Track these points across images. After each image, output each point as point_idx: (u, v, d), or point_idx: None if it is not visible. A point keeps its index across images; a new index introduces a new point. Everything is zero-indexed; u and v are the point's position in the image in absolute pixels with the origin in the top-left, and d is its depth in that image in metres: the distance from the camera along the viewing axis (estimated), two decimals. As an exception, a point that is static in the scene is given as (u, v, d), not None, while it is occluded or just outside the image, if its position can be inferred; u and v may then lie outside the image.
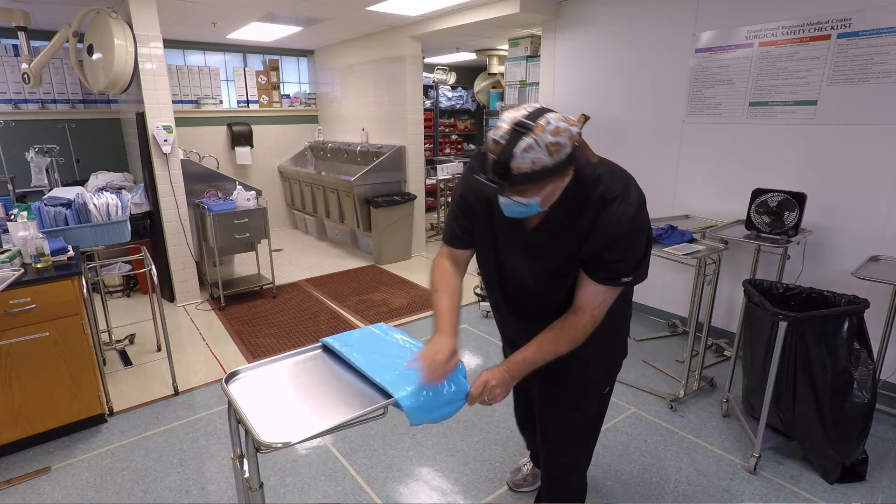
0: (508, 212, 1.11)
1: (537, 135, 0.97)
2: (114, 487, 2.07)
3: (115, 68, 3.40)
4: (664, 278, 3.57)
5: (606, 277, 1.17)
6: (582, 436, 1.52)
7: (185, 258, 3.94)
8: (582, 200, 1.11)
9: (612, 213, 1.09)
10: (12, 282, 2.03)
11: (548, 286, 1.25)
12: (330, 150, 6.15)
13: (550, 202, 1.10)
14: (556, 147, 0.98)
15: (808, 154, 2.76)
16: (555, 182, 1.05)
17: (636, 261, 1.16)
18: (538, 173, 0.98)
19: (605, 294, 1.19)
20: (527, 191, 1.02)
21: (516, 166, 0.97)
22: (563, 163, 1.01)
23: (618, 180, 1.13)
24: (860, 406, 1.94)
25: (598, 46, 3.68)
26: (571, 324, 1.20)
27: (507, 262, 1.30)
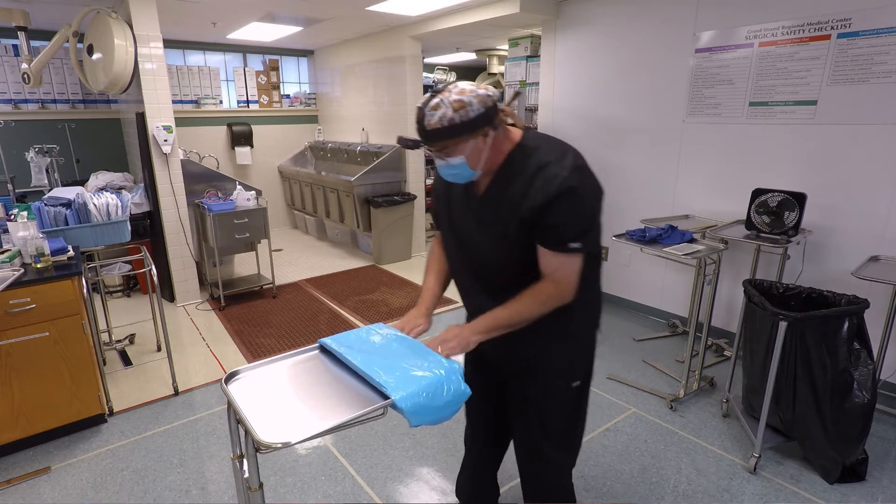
0: (444, 174, 1.25)
1: (444, 95, 1.12)
2: (114, 487, 2.07)
3: (115, 68, 3.40)
4: (664, 278, 3.57)
5: (554, 243, 1.19)
6: (556, 437, 1.45)
7: (185, 258, 3.94)
8: (521, 167, 1.21)
9: (545, 175, 1.16)
10: (12, 282, 2.03)
11: (499, 254, 1.28)
12: (330, 150, 6.15)
13: (479, 163, 1.20)
14: (461, 104, 1.11)
15: (808, 154, 2.76)
16: (472, 140, 1.15)
17: (580, 226, 1.18)
18: (448, 129, 1.12)
19: (562, 260, 1.21)
20: (445, 147, 1.16)
21: (428, 122, 1.13)
22: (472, 120, 1.12)
23: (555, 148, 1.22)
24: (860, 406, 1.94)
25: (598, 46, 3.68)
26: (537, 288, 1.23)
27: (463, 235, 1.35)
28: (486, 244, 1.29)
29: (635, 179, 3.61)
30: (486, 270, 1.34)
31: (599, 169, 1.30)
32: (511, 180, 1.22)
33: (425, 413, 1.08)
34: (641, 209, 3.54)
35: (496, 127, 1.18)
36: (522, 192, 1.19)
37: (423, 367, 1.15)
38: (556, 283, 1.21)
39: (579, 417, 1.49)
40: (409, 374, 1.12)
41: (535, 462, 1.51)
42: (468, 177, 1.23)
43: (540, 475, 1.53)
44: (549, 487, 1.53)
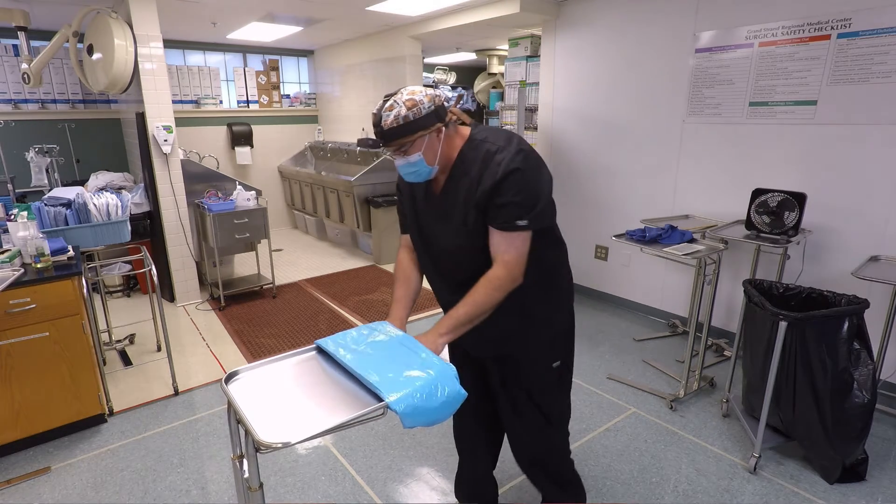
0: (405, 174, 1.31)
1: (396, 97, 1.22)
2: (114, 487, 2.07)
3: (115, 68, 3.40)
4: (664, 278, 3.58)
5: (502, 222, 1.25)
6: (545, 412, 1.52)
7: (185, 258, 3.94)
8: (472, 158, 1.29)
9: (493, 162, 1.25)
10: (12, 282, 2.03)
11: (460, 244, 1.34)
12: (330, 150, 6.14)
13: (435, 159, 1.28)
14: (413, 103, 1.20)
15: (808, 154, 2.76)
16: (426, 136, 1.23)
17: (527, 203, 1.24)
18: (403, 126, 1.20)
19: (510, 240, 1.26)
20: (402, 145, 1.23)
21: (384, 123, 1.21)
22: (425, 117, 1.21)
23: (501, 138, 1.29)
24: (860, 406, 1.94)
25: (598, 46, 3.68)
26: (486, 276, 1.27)
27: (428, 231, 1.41)
28: (449, 237, 1.35)
29: (635, 179, 3.61)
30: (452, 264, 1.39)
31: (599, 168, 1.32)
32: (465, 172, 1.30)
33: (420, 415, 1.07)
34: (641, 209, 3.54)
35: (447, 124, 1.27)
36: (476, 179, 1.27)
37: (418, 366, 1.14)
38: (505, 264, 1.26)
39: (563, 391, 1.57)
40: (402, 375, 1.11)
41: (532, 445, 1.58)
42: (426, 174, 1.30)
43: (539, 456, 1.61)
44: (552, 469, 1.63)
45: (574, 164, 3.95)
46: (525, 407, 1.51)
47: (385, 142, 1.24)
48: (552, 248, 1.40)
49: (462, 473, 1.80)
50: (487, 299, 1.26)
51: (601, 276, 4.00)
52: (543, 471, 1.66)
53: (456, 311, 1.26)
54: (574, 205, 4.02)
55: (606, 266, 3.95)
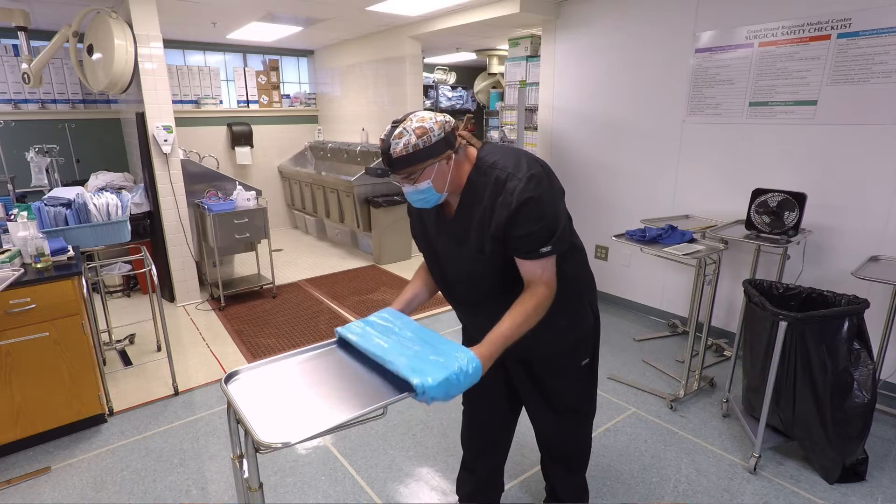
0: (413, 201, 1.29)
1: (406, 124, 1.18)
2: (114, 487, 2.07)
3: (115, 68, 3.40)
4: (664, 278, 3.57)
5: (527, 252, 1.24)
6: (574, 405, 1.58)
7: (185, 258, 3.94)
8: (483, 183, 1.26)
9: (506, 191, 1.22)
10: (12, 282, 2.03)
11: (476, 268, 1.33)
12: (330, 150, 6.15)
13: (445, 186, 1.26)
14: (422, 130, 1.17)
15: (808, 154, 2.76)
16: (435, 164, 1.21)
17: (547, 230, 1.22)
18: (412, 155, 1.18)
19: (541, 265, 1.26)
20: (412, 173, 1.20)
21: (393, 151, 1.18)
22: (434, 146, 1.18)
23: (510, 160, 1.26)
24: (860, 406, 1.94)
25: (598, 46, 3.68)
26: (530, 294, 1.26)
27: (442, 254, 1.41)
28: (464, 263, 1.35)
29: (635, 179, 3.61)
30: (468, 288, 1.39)
31: (599, 168, 1.32)
32: (477, 200, 1.28)
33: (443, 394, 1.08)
34: (641, 209, 3.54)
35: (457, 150, 1.25)
36: (489, 208, 1.25)
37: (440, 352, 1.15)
38: (546, 284, 1.26)
39: (593, 386, 1.63)
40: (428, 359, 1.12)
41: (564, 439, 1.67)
42: (435, 200, 1.28)
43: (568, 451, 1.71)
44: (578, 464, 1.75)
45: (574, 164, 3.95)
46: (560, 405, 1.56)
47: (393, 170, 1.21)
48: (570, 255, 1.40)
49: (467, 474, 1.80)
50: (531, 322, 1.24)
51: (601, 276, 3.99)
52: (567, 465, 1.73)
53: (502, 334, 1.21)
54: (574, 205, 4.00)
55: (606, 266, 3.95)
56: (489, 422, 1.69)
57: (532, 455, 2.19)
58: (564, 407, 1.57)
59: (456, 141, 1.24)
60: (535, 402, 1.59)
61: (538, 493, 2.01)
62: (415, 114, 1.21)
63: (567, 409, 1.58)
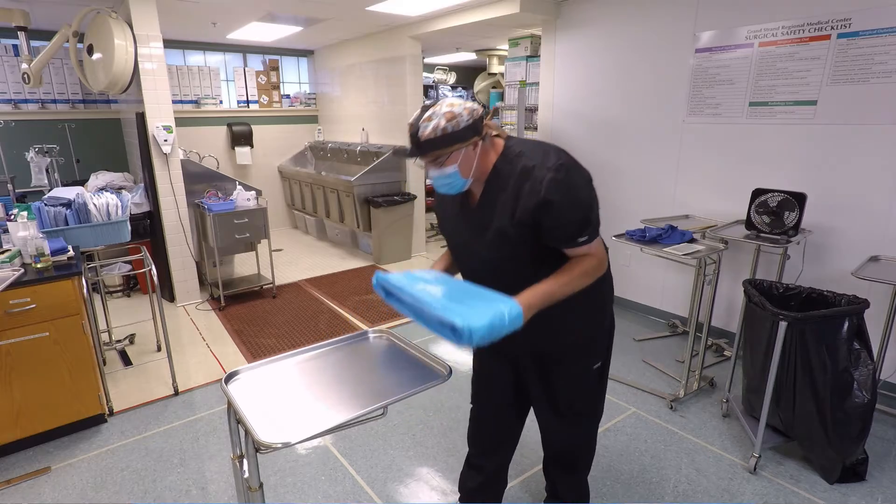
0: (438, 185, 1.30)
1: (435, 108, 1.21)
2: (114, 487, 2.07)
3: (115, 68, 3.40)
4: (664, 278, 3.57)
5: (566, 242, 1.26)
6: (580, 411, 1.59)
7: (185, 258, 3.94)
8: (509, 171, 1.28)
9: (533, 178, 1.23)
10: (12, 282, 2.03)
11: (501, 254, 1.33)
12: (330, 150, 6.15)
13: (470, 172, 1.27)
14: (451, 115, 1.19)
15: (808, 154, 2.76)
16: (462, 149, 1.22)
17: (581, 220, 1.23)
18: (441, 138, 1.19)
19: (582, 252, 1.27)
20: (439, 156, 1.22)
21: (422, 134, 1.20)
22: (463, 131, 1.20)
23: (537, 150, 1.28)
24: (860, 406, 1.94)
25: (598, 46, 3.68)
26: (577, 261, 1.28)
27: (466, 243, 1.41)
28: (487, 248, 1.34)
29: (635, 179, 3.61)
30: (490, 276, 1.37)
31: (599, 169, 1.32)
32: (502, 187, 1.29)
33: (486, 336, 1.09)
34: (641, 209, 3.54)
35: (483, 137, 1.26)
36: (514, 195, 1.25)
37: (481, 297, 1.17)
38: (596, 257, 1.28)
39: (602, 391, 1.63)
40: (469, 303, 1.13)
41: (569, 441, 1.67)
42: (460, 186, 1.29)
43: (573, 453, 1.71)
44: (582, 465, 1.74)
45: (574, 164, 3.94)
46: (567, 407, 1.56)
47: (421, 153, 1.23)
48: None
49: (472, 471, 1.79)
50: (577, 284, 1.25)
51: (601, 276, 3.99)
52: (571, 467, 1.73)
53: (550, 286, 1.22)
54: (574, 205, 4.01)
55: (606, 266, 3.94)
56: (496, 423, 1.70)
57: (532, 455, 2.20)
58: (572, 409, 1.57)
59: (483, 129, 1.26)
60: (543, 402, 1.59)
61: (538, 493, 2.01)
62: (445, 99, 1.24)
63: (574, 411, 1.58)
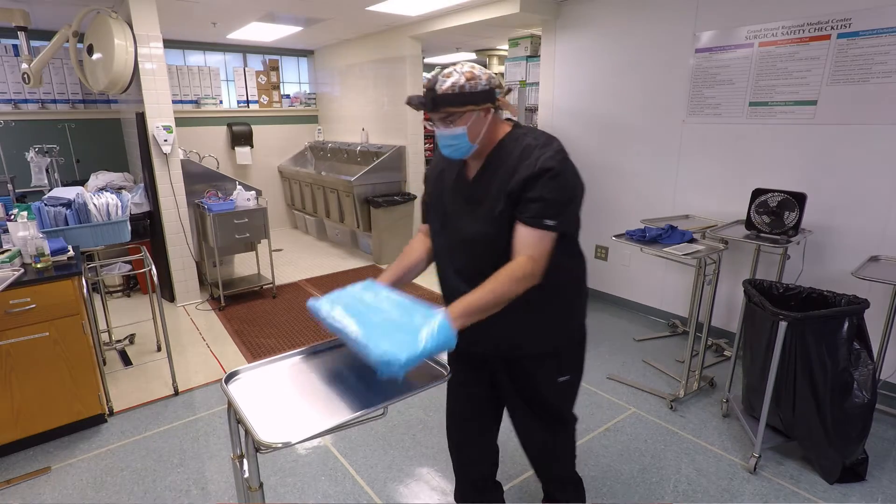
0: (443, 146, 1.29)
1: (457, 66, 1.23)
2: (114, 487, 2.07)
3: (115, 68, 3.40)
4: (664, 278, 3.57)
5: (530, 217, 1.22)
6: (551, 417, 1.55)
7: (185, 258, 3.94)
8: (510, 150, 1.28)
9: (532, 156, 1.23)
10: (12, 282, 2.03)
11: (483, 230, 1.30)
12: (330, 150, 6.15)
13: (478, 138, 1.26)
14: (472, 75, 1.20)
15: (808, 154, 2.76)
16: (475, 112, 1.22)
17: (558, 203, 1.22)
18: (458, 95, 1.19)
19: (536, 238, 1.22)
20: (451, 114, 1.21)
21: (440, 88, 1.20)
22: (480, 93, 1.20)
23: (543, 137, 1.28)
24: (860, 406, 1.94)
25: (598, 46, 3.68)
26: (509, 265, 1.22)
27: (452, 217, 1.38)
28: (473, 224, 1.32)
29: (635, 179, 3.61)
30: (469, 254, 1.35)
31: (599, 169, 1.32)
32: (501, 163, 1.28)
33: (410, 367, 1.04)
34: (641, 209, 3.54)
35: (497, 108, 1.26)
36: (511, 171, 1.25)
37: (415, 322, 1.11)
38: (531, 258, 1.21)
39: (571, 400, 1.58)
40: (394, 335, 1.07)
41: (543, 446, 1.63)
42: (465, 150, 1.28)
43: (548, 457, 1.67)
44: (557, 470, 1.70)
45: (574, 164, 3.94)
46: (538, 412, 1.53)
47: (435, 107, 1.21)
48: (569, 257, 1.37)
49: (463, 481, 1.78)
50: (506, 290, 1.19)
51: (601, 276, 4.00)
52: (549, 470, 1.71)
53: (470, 297, 1.17)
54: (574, 205, 4.01)
55: (606, 266, 3.95)
56: (471, 435, 1.69)
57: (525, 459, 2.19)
58: (542, 415, 1.54)
59: (497, 102, 1.25)
60: (516, 406, 1.56)
61: (537, 493, 2.01)
62: (466, 62, 1.25)
63: (546, 418, 1.55)
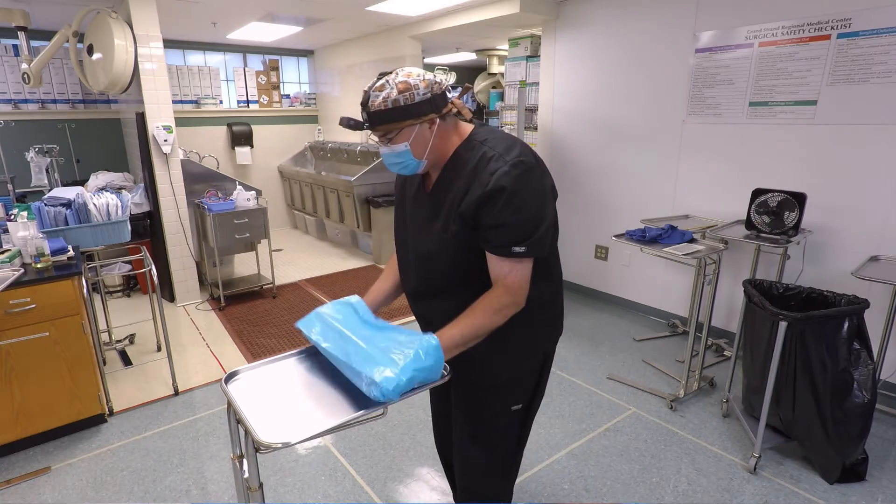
0: (389, 164, 1.19)
1: (390, 77, 1.10)
2: (114, 487, 2.07)
3: (115, 68, 3.40)
4: (664, 278, 3.57)
5: (496, 247, 1.13)
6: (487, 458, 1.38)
7: (185, 258, 3.94)
8: (467, 159, 1.17)
9: (487, 170, 1.11)
10: (12, 282, 2.03)
11: (436, 248, 1.22)
12: (330, 150, 6.14)
13: (425, 153, 1.16)
14: (406, 86, 1.08)
15: (808, 154, 2.76)
16: (416, 126, 1.12)
17: (522, 228, 1.10)
18: (392, 111, 1.09)
19: (508, 266, 1.13)
20: (388, 131, 1.12)
21: (372, 103, 1.10)
22: (417, 105, 1.09)
23: (502, 142, 1.16)
24: (860, 406, 1.94)
25: (598, 46, 3.68)
26: (487, 296, 1.15)
27: (411, 232, 1.30)
28: (425, 242, 1.24)
29: (635, 179, 3.61)
30: (428, 269, 1.27)
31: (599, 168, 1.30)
32: (458, 174, 1.17)
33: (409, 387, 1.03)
34: (641, 209, 3.54)
35: (444, 116, 1.14)
36: (466, 186, 1.14)
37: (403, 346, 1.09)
38: (507, 288, 1.14)
39: (519, 442, 1.42)
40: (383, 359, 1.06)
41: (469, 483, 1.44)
42: (414, 167, 1.18)
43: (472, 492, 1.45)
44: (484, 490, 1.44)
45: (574, 164, 3.95)
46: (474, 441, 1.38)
47: (370, 125, 1.12)
48: (541, 280, 1.23)
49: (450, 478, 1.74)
50: (486, 322, 1.13)
51: (601, 276, 4.00)
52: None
53: (450, 332, 1.11)
54: (574, 205, 4.02)
55: (606, 266, 3.95)
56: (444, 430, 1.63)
57: (531, 455, 2.20)
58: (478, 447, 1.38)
59: (445, 107, 1.14)
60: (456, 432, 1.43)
61: (536, 494, 2.01)
62: (403, 68, 1.13)
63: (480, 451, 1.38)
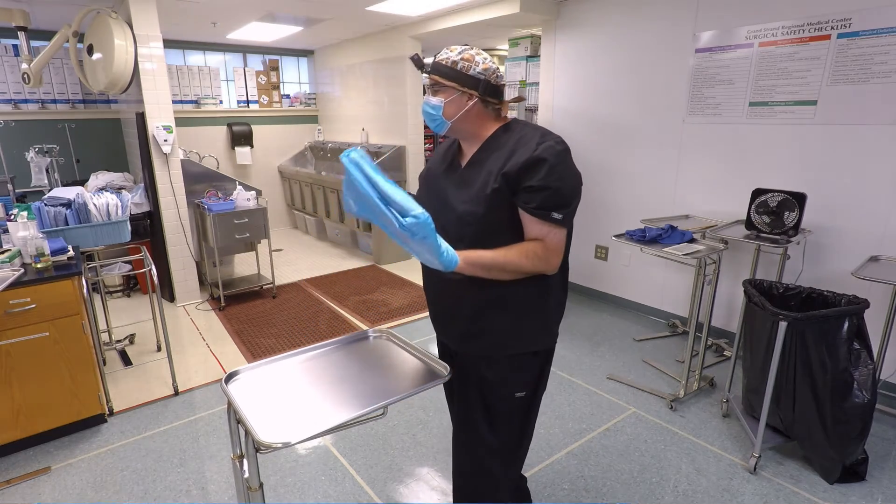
0: (424, 110, 1.32)
1: (466, 47, 1.27)
2: (114, 487, 2.07)
3: (115, 68, 3.41)
4: (664, 278, 3.57)
5: (536, 209, 1.18)
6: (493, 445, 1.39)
7: (185, 258, 3.94)
8: (505, 139, 1.28)
9: (532, 142, 1.21)
10: (12, 282, 2.03)
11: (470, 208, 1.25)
12: (330, 150, 6.14)
13: (454, 117, 1.27)
14: (469, 58, 1.25)
15: (808, 154, 2.76)
16: (457, 92, 1.25)
17: (561, 195, 1.18)
18: (446, 67, 1.25)
19: (546, 230, 1.20)
20: (436, 83, 1.27)
21: (439, 57, 1.27)
22: (466, 76, 1.24)
23: (540, 130, 1.27)
24: (860, 406, 1.94)
25: (598, 46, 3.68)
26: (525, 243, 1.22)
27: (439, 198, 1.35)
28: (463, 204, 1.27)
29: (635, 179, 3.61)
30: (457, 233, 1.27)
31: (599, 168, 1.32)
32: (497, 148, 1.28)
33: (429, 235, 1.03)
34: (641, 209, 3.54)
35: (485, 101, 1.27)
36: (509, 153, 1.23)
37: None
38: (546, 246, 1.21)
39: (523, 432, 1.42)
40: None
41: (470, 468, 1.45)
42: (439, 124, 1.30)
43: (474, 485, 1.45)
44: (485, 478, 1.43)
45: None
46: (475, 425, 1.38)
47: (429, 70, 1.29)
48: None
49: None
50: (514, 259, 1.18)
51: (601, 276, 4.00)
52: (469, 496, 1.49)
53: (482, 251, 1.18)
54: (574, 205, 4.01)
55: (606, 266, 3.95)
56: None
57: (532, 455, 2.20)
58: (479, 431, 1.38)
59: (492, 95, 1.27)
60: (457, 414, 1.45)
61: (538, 493, 2.01)
62: (477, 49, 1.28)
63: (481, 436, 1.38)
